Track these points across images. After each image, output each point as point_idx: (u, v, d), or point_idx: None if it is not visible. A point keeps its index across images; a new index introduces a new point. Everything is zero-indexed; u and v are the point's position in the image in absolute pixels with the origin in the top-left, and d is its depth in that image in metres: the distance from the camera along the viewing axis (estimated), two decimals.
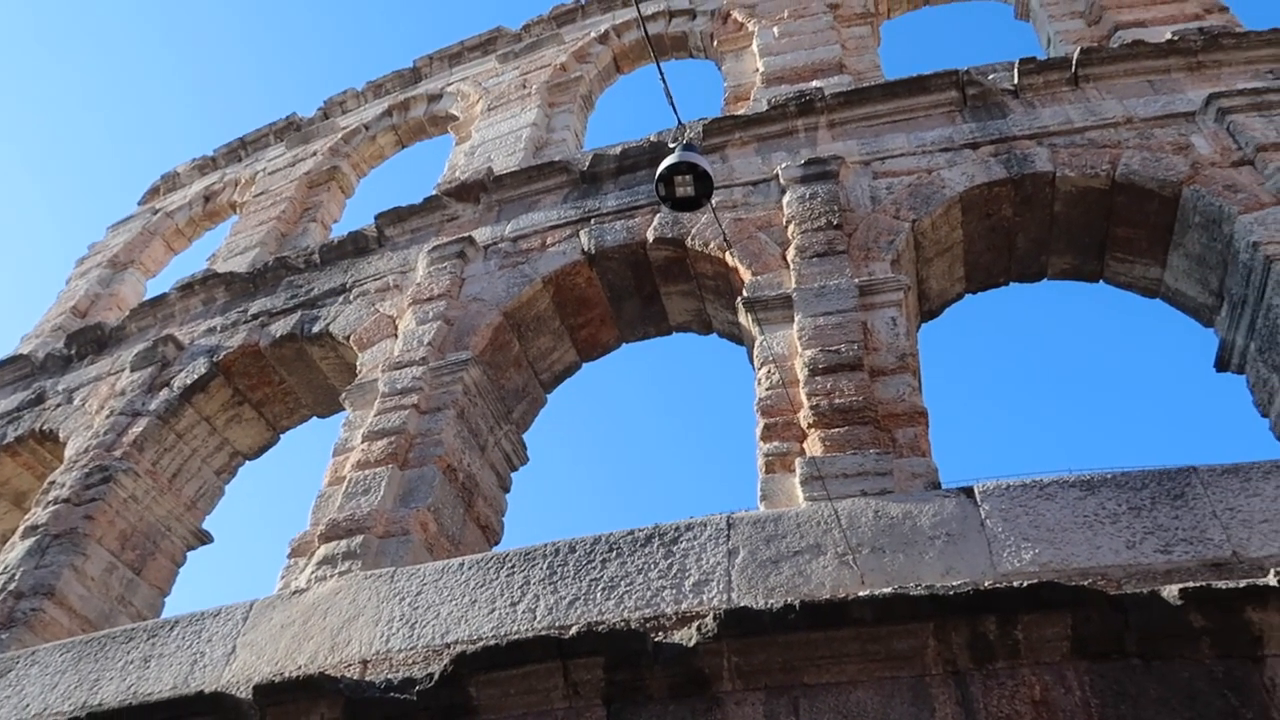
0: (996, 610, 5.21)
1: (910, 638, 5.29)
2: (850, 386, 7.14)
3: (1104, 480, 6.10)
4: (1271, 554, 5.45)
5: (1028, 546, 5.85)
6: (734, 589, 6.08)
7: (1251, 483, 5.86)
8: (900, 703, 5.19)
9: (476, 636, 6.32)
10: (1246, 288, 7.75)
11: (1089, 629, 5.12)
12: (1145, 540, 5.73)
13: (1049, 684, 5.08)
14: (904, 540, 6.07)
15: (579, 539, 6.71)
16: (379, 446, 8.23)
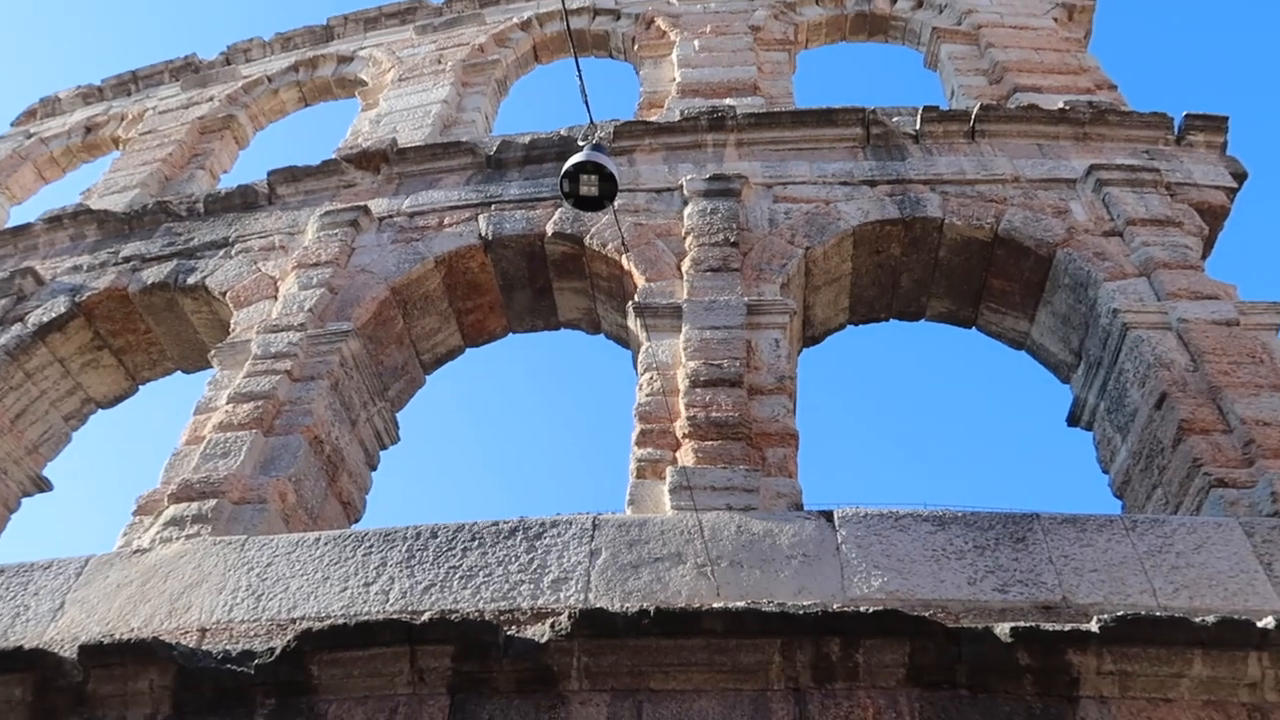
0: (842, 633, 5.39)
1: (757, 653, 5.42)
2: (728, 402, 7.28)
3: (955, 518, 6.39)
4: (1096, 602, 5.80)
5: (878, 574, 6.07)
6: (592, 589, 6.11)
7: (1086, 533, 6.23)
8: (740, 715, 5.31)
9: (325, 614, 6.18)
10: (1103, 350, 8.23)
11: (925, 658, 5.35)
12: (986, 578, 6.02)
13: (882, 707, 5.29)
14: (762, 557, 6.22)
15: (442, 525, 6.63)
16: (244, 410, 7.95)
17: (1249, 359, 7.39)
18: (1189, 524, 6.30)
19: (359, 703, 5.60)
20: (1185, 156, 9.61)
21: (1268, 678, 5.24)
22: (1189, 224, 8.77)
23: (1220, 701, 5.24)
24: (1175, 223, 8.72)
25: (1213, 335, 7.61)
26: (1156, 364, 7.55)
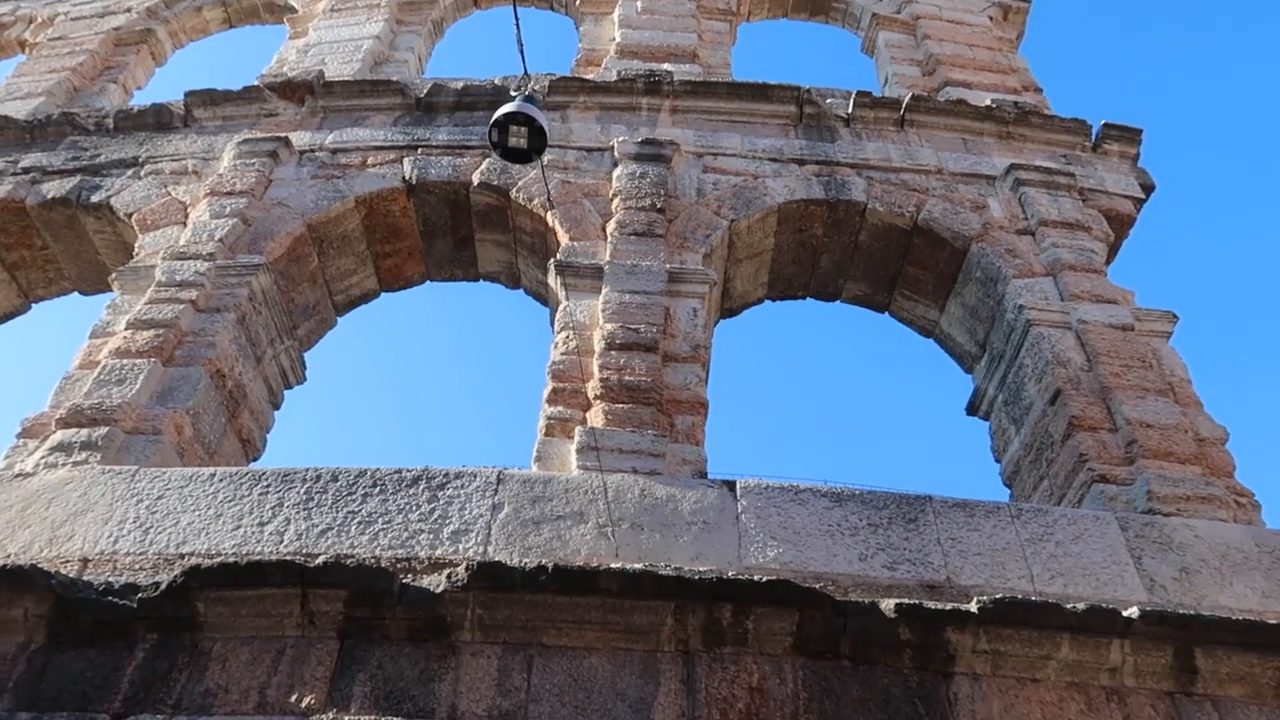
0: (734, 600, 5.51)
1: (651, 614, 5.50)
2: (642, 367, 7.32)
3: (852, 495, 6.56)
4: (978, 584, 6.05)
5: (774, 545, 6.21)
6: (492, 543, 6.12)
7: (974, 518, 6.48)
8: (629, 674, 5.40)
9: (216, 552, 6.05)
10: (1006, 344, 8.52)
11: (812, 628, 5.51)
12: (877, 555, 6.22)
13: (767, 673, 5.44)
14: (663, 522, 6.30)
15: (343, 469, 6.54)
16: (144, 337, 7.68)
17: (1139, 363, 7.73)
18: (1070, 515, 6.59)
19: (245, 643, 5.51)
20: (1100, 164, 9.94)
21: (1127, 664, 5.54)
22: (1097, 229, 9.10)
23: (1082, 684, 5.53)
24: (1084, 227, 9.03)
25: (1108, 338, 7.94)
26: (1054, 361, 7.84)
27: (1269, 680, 5.56)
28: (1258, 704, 5.54)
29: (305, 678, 5.34)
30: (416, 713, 5.19)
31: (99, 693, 5.27)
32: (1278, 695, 5.57)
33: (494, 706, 5.23)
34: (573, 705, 5.24)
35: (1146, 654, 5.55)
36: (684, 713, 5.24)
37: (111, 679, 5.34)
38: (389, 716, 5.16)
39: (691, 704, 5.28)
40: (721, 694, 5.33)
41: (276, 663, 5.41)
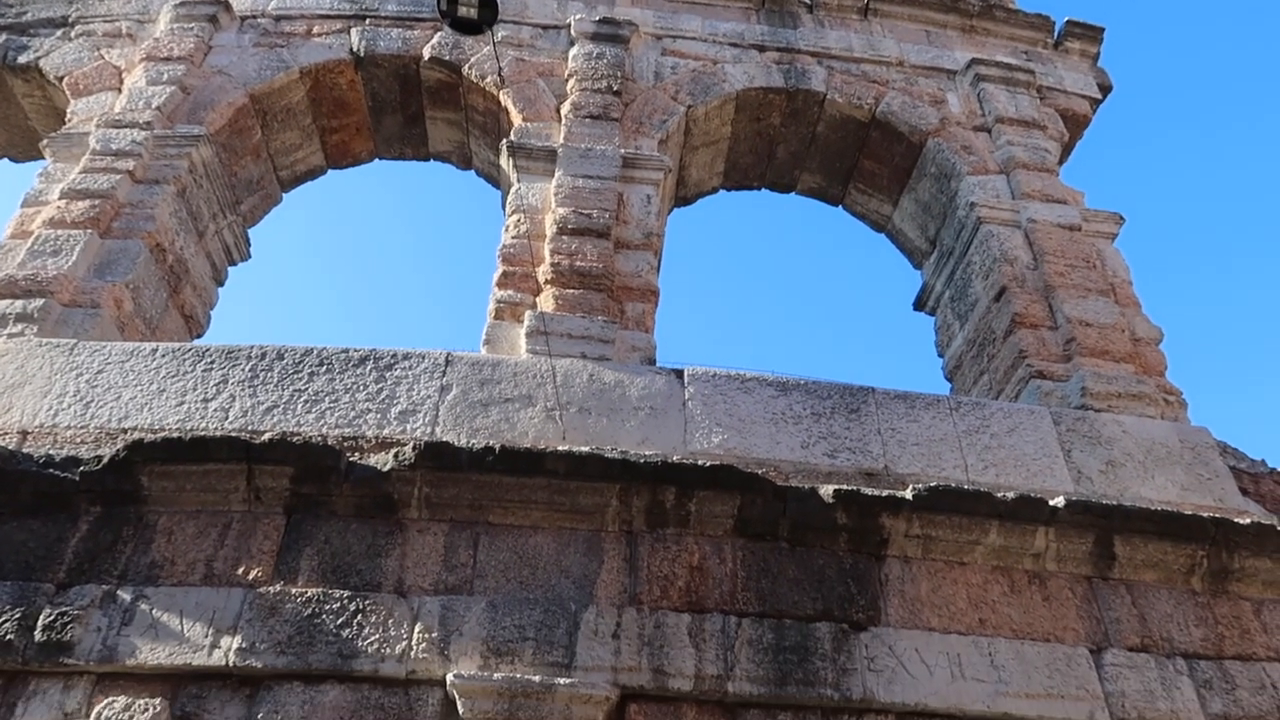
0: (678, 483, 5.63)
1: (596, 496, 5.61)
2: (594, 252, 7.27)
3: (797, 385, 6.67)
4: (914, 472, 6.24)
5: (719, 431, 6.32)
6: (440, 424, 6.14)
7: (915, 410, 6.64)
8: (574, 552, 5.53)
9: (159, 427, 6.00)
10: (956, 241, 8.59)
11: (753, 512, 5.66)
12: (818, 444, 6.37)
13: (707, 553, 5.60)
14: (611, 406, 6.36)
15: (289, 347, 6.48)
16: (79, 207, 7.42)
17: (1083, 263, 7.86)
18: (1006, 409, 6.78)
19: (190, 517, 5.53)
20: (1060, 62, 9.87)
21: (1051, 549, 5.80)
22: (1052, 128, 9.10)
23: (1007, 567, 5.79)
24: (1040, 126, 9.03)
25: (1055, 237, 8.04)
26: (1001, 259, 7.95)
27: (1180, 567, 5.88)
28: (1168, 588, 5.86)
29: (252, 551, 5.39)
30: (363, 586, 5.29)
31: (42, 563, 5.28)
32: (1187, 581, 5.89)
33: (440, 581, 5.34)
34: (518, 580, 5.38)
35: (1069, 541, 5.81)
36: (626, 589, 5.41)
37: (55, 550, 5.34)
38: (336, 588, 5.25)
39: (633, 581, 5.44)
40: (663, 572, 5.49)
41: (223, 536, 5.45)
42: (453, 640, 5.10)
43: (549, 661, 5.07)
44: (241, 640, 5.01)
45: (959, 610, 5.57)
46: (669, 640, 5.21)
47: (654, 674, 5.09)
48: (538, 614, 5.23)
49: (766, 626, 5.34)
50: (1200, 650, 5.64)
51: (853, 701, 5.14)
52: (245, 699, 4.92)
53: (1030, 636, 5.54)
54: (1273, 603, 5.94)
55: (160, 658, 4.94)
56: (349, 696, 4.93)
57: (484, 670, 4.99)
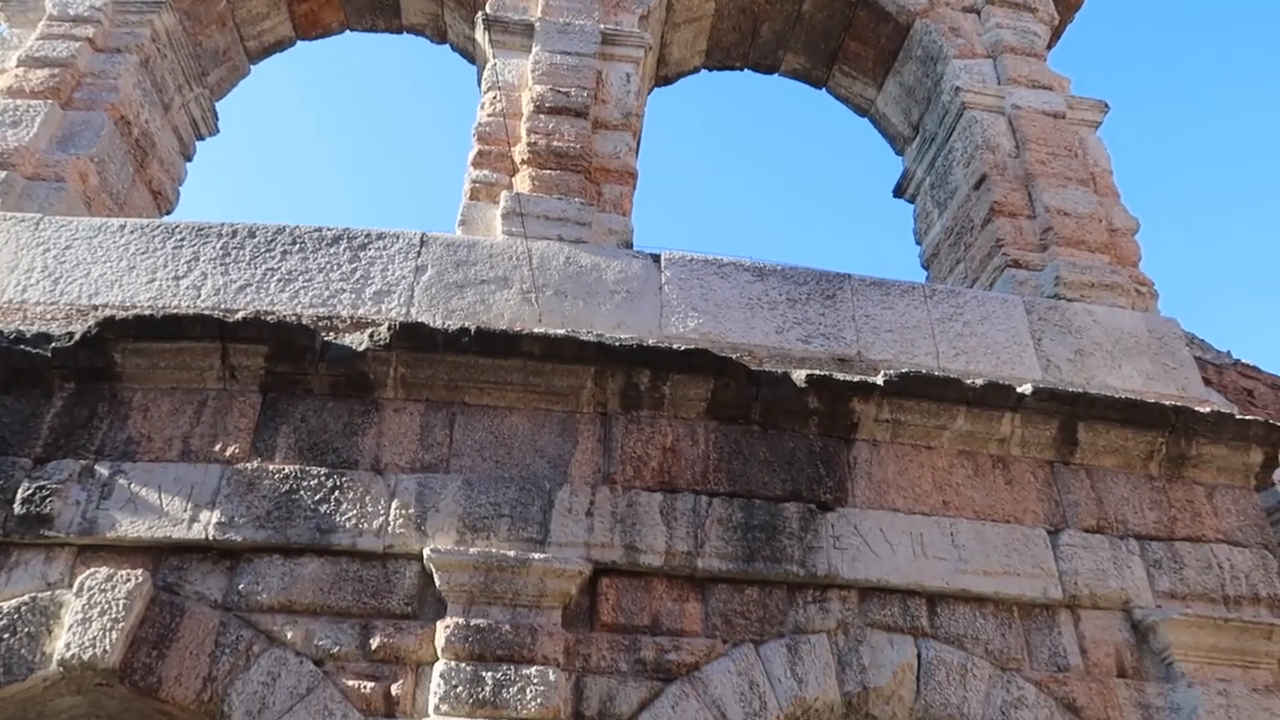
0: (652, 366, 5.67)
1: (571, 378, 5.65)
2: (571, 132, 7.13)
3: (774, 270, 6.67)
4: (886, 359, 6.32)
5: (695, 316, 6.35)
6: (415, 304, 6.12)
7: (890, 297, 6.67)
8: (549, 433, 5.61)
9: (130, 304, 5.95)
10: (939, 127, 8.48)
11: (726, 395, 5.73)
12: (793, 329, 6.41)
13: (681, 435, 5.70)
14: (587, 289, 6.35)
15: (260, 225, 6.38)
16: (38, 76, 7.16)
17: (1065, 152, 7.80)
18: (980, 298, 6.83)
19: (166, 394, 5.54)
20: None
21: (1015, 435, 5.94)
22: (1043, 10, 8.88)
23: (972, 452, 5.94)
24: (1030, 8, 8.81)
25: (1039, 125, 7.94)
26: (984, 146, 7.87)
27: (1139, 453, 6.04)
28: (1125, 473, 6.04)
29: (229, 428, 5.43)
30: (340, 463, 5.36)
31: (18, 438, 5.30)
32: (1145, 467, 6.07)
33: (416, 459, 5.42)
34: (493, 460, 5.46)
35: (1034, 426, 5.94)
36: (600, 469, 5.51)
37: (31, 425, 5.35)
38: (313, 465, 5.32)
39: (607, 461, 5.54)
40: (636, 453, 5.59)
41: (199, 414, 5.47)
42: (429, 516, 5.21)
43: (524, 538, 5.20)
44: (221, 515, 5.10)
45: (924, 492, 5.73)
46: (641, 518, 5.35)
47: (626, 550, 5.24)
48: (513, 492, 5.33)
49: (736, 506, 5.48)
50: (1153, 532, 5.85)
51: (817, 577, 5.33)
52: (226, 571, 5.04)
53: (991, 518, 5.72)
54: (1225, 488, 6.14)
55: (140, 531, 5.02)
56: (328, 569, 5.06)
57: (460, 545, 5.11)
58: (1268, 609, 5.70)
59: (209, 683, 4.69)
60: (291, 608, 4.94)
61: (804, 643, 5.19)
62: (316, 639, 4.85)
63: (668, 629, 5.12)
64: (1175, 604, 5.58)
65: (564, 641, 4.94)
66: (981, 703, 5.17)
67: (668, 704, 4.89)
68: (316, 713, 4.64)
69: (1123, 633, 5.52)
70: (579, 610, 5.12)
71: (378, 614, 4.97)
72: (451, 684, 4.71)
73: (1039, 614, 5.51)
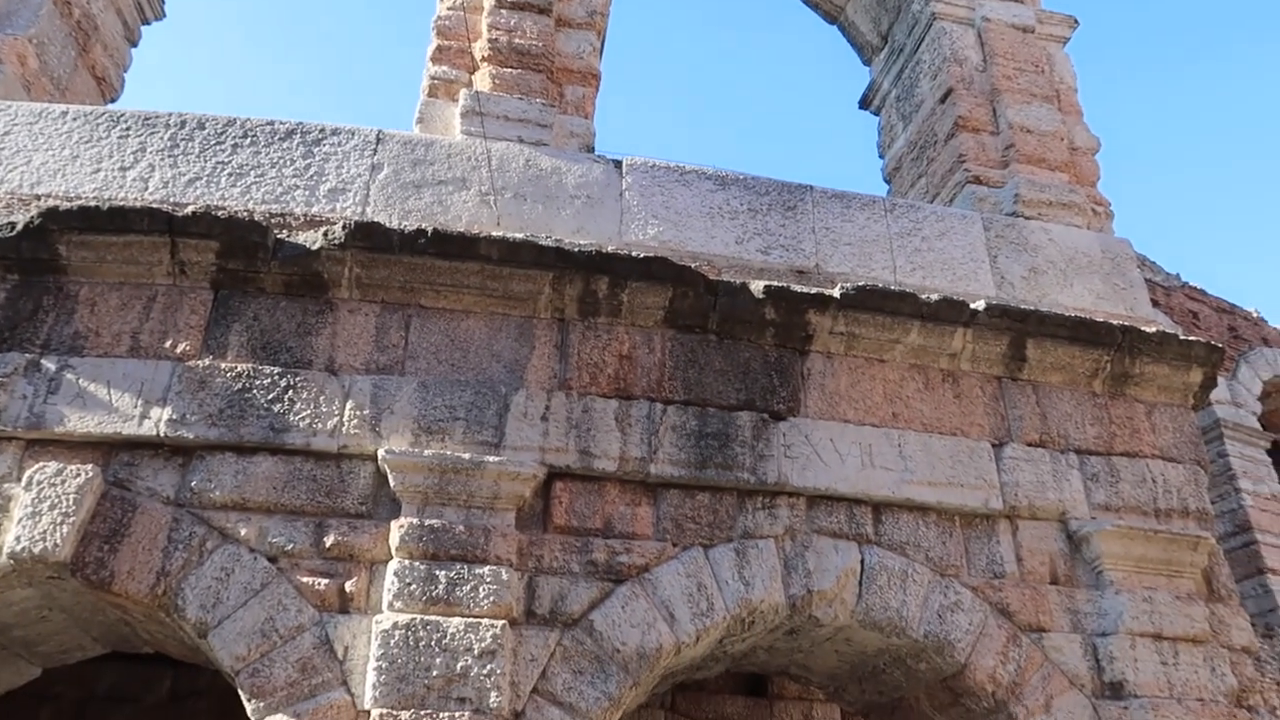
0: (611, 273, 5.65)
1: (529, 283, 5.62)
2: (534, 30, 6.93)
3: (736, 180, 6.62)
4: (844, 272, 6.35)
5: (655, 223, 6.31)
6: (371, 203, 6.01)
7: (850, 210, 6.67)
8: (506, 337, 5.59)
9: (74, 194, 5.77)
10: (908, 38, 8.37)
11: (684, 304, 5.74)
12: (753, 240, 6.40)
13: (637, 343, 5.72)
14: (547, 194, 6.27)
15: (210, 116, 6.18)
16: None
17: (1032, 67, 7.76)
18: (939, 213, 6.85)
19: (113, 288, 5.43)
20: None
21: (966, 350, 6.04)
22: None
23: (924, 366, 6.04)
24: None
25: (1007, 38, 7.87)
26: (951, 59, 7.79)
27: (1084, 370, 6.18)
28: (1070, 390, 6.19)
29: (179, 325, 5.34)
30: (294, 363, 5.32)
31: None
32: (1089, 384, 6.22)
33: (371, 361, 5.39)
34: (449, 363, 5.45)
35: (985, 342, 6.04)
36: (556, 374, 5.53)
37: None
38: (266, 365, 5.28)
39: (564, 367, 5.56)
40: (593, 359, 5.61)
41: (148, 309, 5.38)
42: (384, 418, 5.21)
43: (479, 440, 5.23)
44: (172, 412, 5.06)
45: (874, 404, 5.83)
46: (596, 424, 5.40)
47: (580, 455, 5.30)
48: (468, 395, 5.34)
49: (690, 414, 5.55)
50: (1093, 447, 6.03)
51: (767, 485, 5.44)
52: (178, 467, 5.02)
53: (939, 430, 5.85)
54: (1164, 406, 6.33)
55: (90, 426, 4.97)
56: (282, 468, 5.06)
57: (415, 447, 5.14)
58: (1195, 522, 5.94)
59: (162, 577, 4.73)
60: (245, 505, 4.95)
61: (752, 547, 5.33)
62: (270, 536, 4.89)
63: (619, 532, 5.23)
64: (1109, 516, 5.79)
65: (517, 542, 5.02)
66: (920, 606, 5.37)
67: (618, 604, 5.02)
68: (271, 607, 4.71)
69: (1058, 542, 5.74)
70: (532, 512, 5.20)
71: (332, 513, 5.01)
72: (405, 582, 4.79)
73: (979, 524, 5.70)
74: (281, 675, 4.58)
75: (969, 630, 5.36)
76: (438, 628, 4.68)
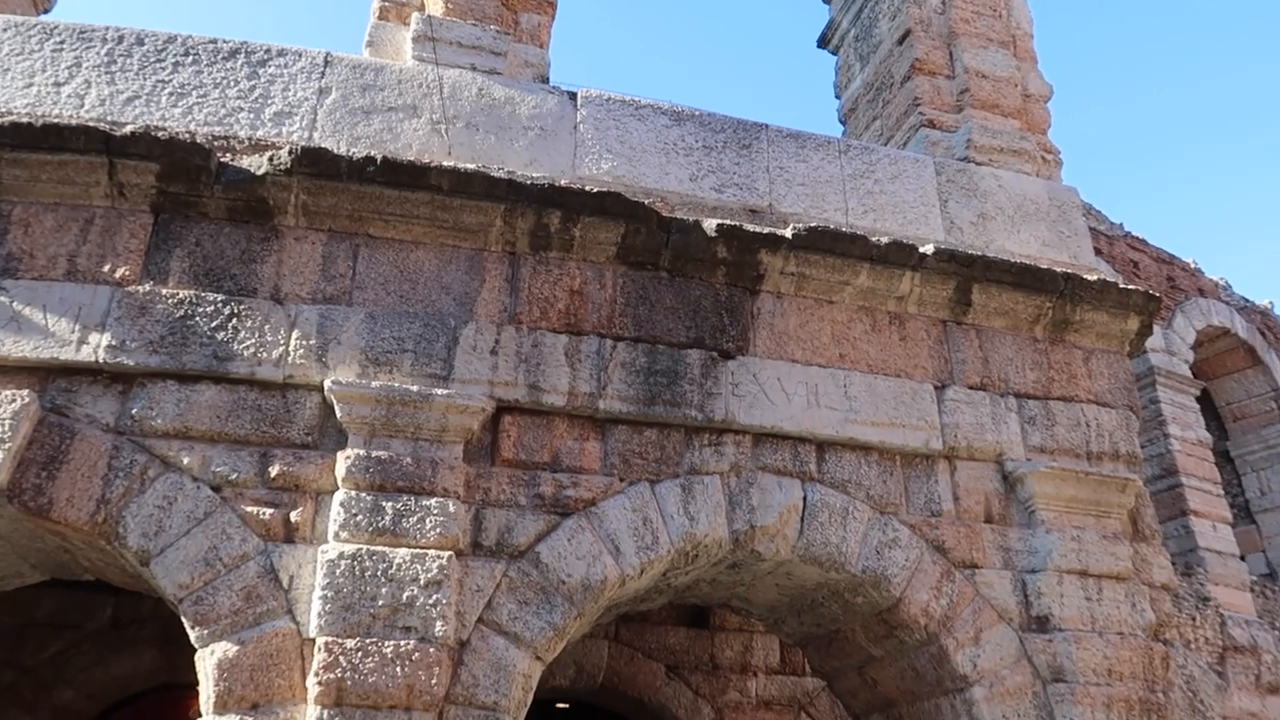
0: (564, 207, 5.60)
1: (480, 215, 5.55)
2: None
3: (691, 116, 6.57)
4: (797, 212, 6.37)
5: (609, 158, 6.24)
6: (318, 129, 5.86)
7: (805, 150, 6.66)
8: (455, 270, 5.54)
9: (6, 110, 5.54)
10: None
11: (636, 240, 5.72)
12: (707, 177, 6.37)
13: (589, 279, 5.70)
14: (500, 124, 6.16)
15: (149, 32, 5.94)
16: None
17: (989, 11, 7.75)
18: (892, 156, 6.88)
19: (49, 209, 5.25)
20: None
21: (914, 293, 6.12)
22: None
23: (871, 308, 6.11)
24: None
25: None
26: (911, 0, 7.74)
27: (1027, 316, 6.31)
28: (1012, 335, 6.32)
29: (118, 249, 5.20)
30: (238, 291, 5.22)
31: None
32: (1031, 329, 6.35)
33: (318, 290, 5.31)
34: (397, 294, 5.39)
35: (932, 286, 6.12)
36: (506, 308, 5.50)
37: None
38: (209, 292, 5.17)
39: (514, 301, 5.53)
40: (543, 294, 5.59)
41: (85, 232, 5.22)
42: (331, 349, 5.15)
43: (427, 373, 5.20)
44: (111, 338, 4.95)
45: (822, 345, 5.90)
46: (545, 359, 5.40)
47: (529, 389, 5.30)
48: (417, 328, 5.30)
49: (640, 350, 5.57)
50: (1031, 391, 6.19)
51: (715, 422, 5.51)
52: (118, 394, 4.93)
53: (884, 372, 5.95)
54: (1101, 352, 6.49)
55: (25, 350, 4.85)
56: (225, 397, 5.00)
57: (362, 378, 5.10)
58: (1125, 465, 6.15)
59: (102, 505, 4.67)
60: (188, 434, 4.89)
61: (698, 483, 5.41)
62: (214, 465, 4.84)
63: (567, 466, 5.26)
64: (1044, 458, 5.96)
65: (464, 475, 5.04)
66: (859, 542, 5.51)
67: (564, 536, 5.08)
68: (215, 536, 4.69)
69: (994, 483, 5.91)
70: (480, 446, 5.21)
71: (277, 443, 4.97)
72: (352, 512, 4.79)
73: (919, 463, 5.83)
74: (225, 603, 4.59)
75: (905, 566, 5.52)
76: (384, 558, 4.71)
